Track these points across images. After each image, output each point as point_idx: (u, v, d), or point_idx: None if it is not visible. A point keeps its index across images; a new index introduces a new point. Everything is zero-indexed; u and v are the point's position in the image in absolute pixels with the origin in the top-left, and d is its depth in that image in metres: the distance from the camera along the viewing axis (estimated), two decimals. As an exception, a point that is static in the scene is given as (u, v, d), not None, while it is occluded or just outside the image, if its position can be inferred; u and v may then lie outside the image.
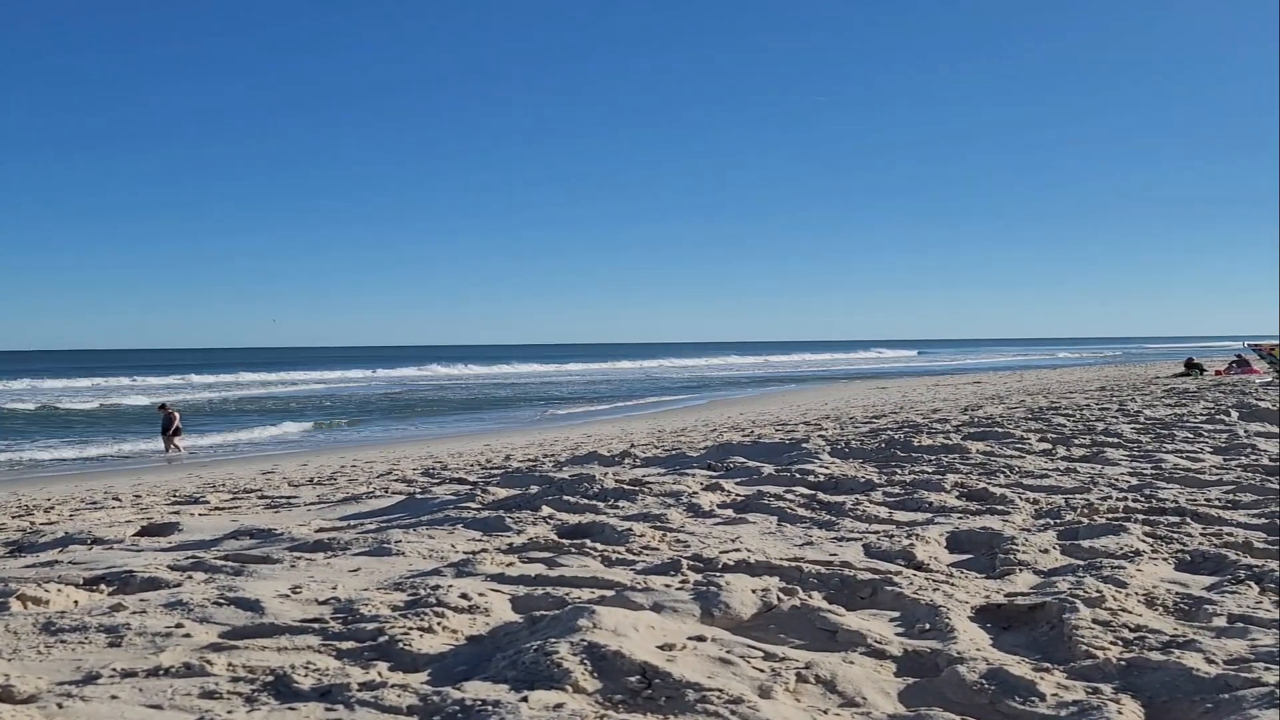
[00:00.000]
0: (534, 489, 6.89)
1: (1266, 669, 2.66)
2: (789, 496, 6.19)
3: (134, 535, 5.94)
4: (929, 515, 5.54)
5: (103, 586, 4.03)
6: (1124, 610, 3.37)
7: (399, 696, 2.54)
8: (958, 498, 6.07)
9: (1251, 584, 3.67)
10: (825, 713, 2.56)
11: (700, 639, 3.01)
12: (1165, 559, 4.25)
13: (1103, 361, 69.24)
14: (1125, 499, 5.73)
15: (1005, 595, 3.62)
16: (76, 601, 3.80)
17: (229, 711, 2.52)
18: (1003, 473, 7.10)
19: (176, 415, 23.01)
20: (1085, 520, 5.12)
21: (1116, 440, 8.96)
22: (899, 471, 7.33)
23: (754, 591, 3.46)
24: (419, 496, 7.29)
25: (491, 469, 11.02)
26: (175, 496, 10.26)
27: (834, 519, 5.48)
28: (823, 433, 11.91)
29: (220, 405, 40.73)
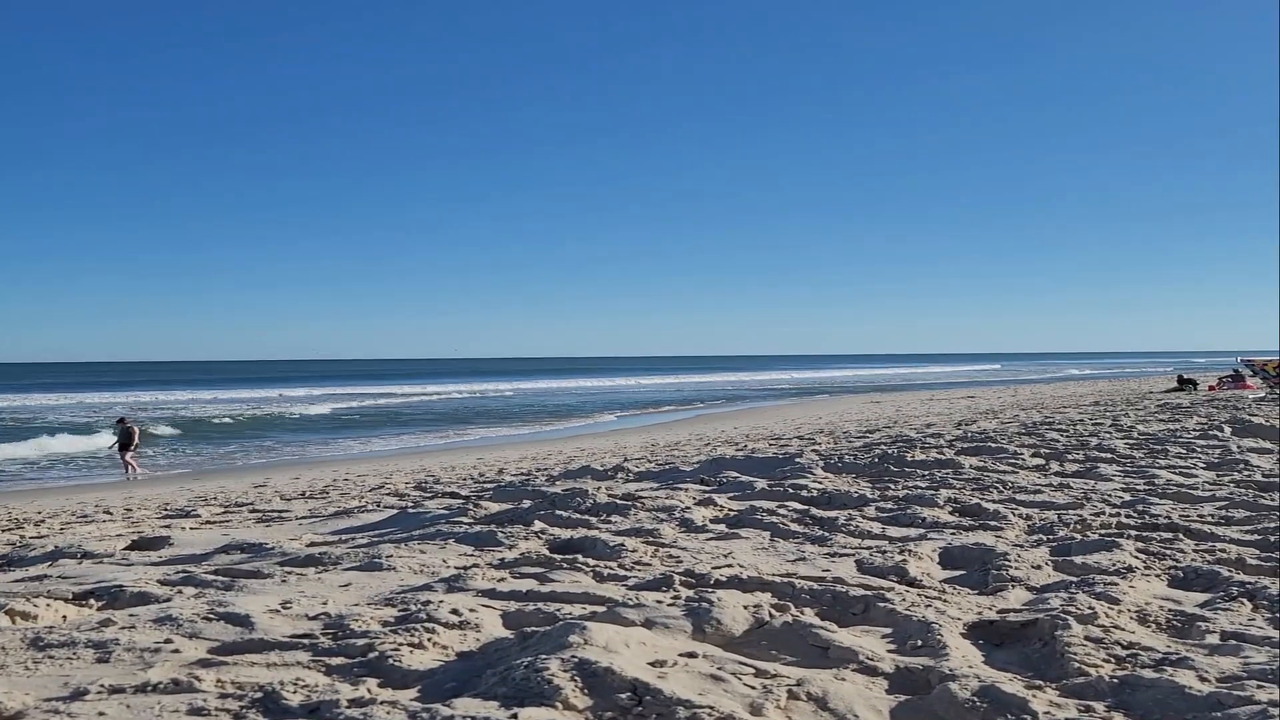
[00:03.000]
0: (526, 503, 6.87)
1: (1259, 687, 2.66)
2: (782, 512, 6.18)
3: (124, 549, 5.91)
4: (922, 531, 5.54)
5: (92, 601, 4.00)
6: (1116, 627, 3.37)
7: (388, 714, 2.52)
8: (951, 513, 6.07)
9: (1244, 601, 3.67)
10: (817, 730, 2.55)
11: (691, 655, 3.00)
12: (1158, 575, 4.24)
13: (1096, 376, 69.35)
14: (1118, 515, 5.73)
15: (998, 612, 3.61)
16: (65, 616, 3.78)
17: (216, 728, 2.50)
18: (996, 488, 7.10)
19: (136, 431, 21.58)
20: (1078, 536, 5.12)
21: (1110, 456, 8.96)
22: (892, 487, 7.33)
23: (746, 607, 3.45)
24: (411, 511, 7.27)
25: (484, 483, 11.00)
26: (166, 510, 10.22)
27: (827, 534, 5.46)
28: (816, 447, 11.91)
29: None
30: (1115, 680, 2.79)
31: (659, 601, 3.62)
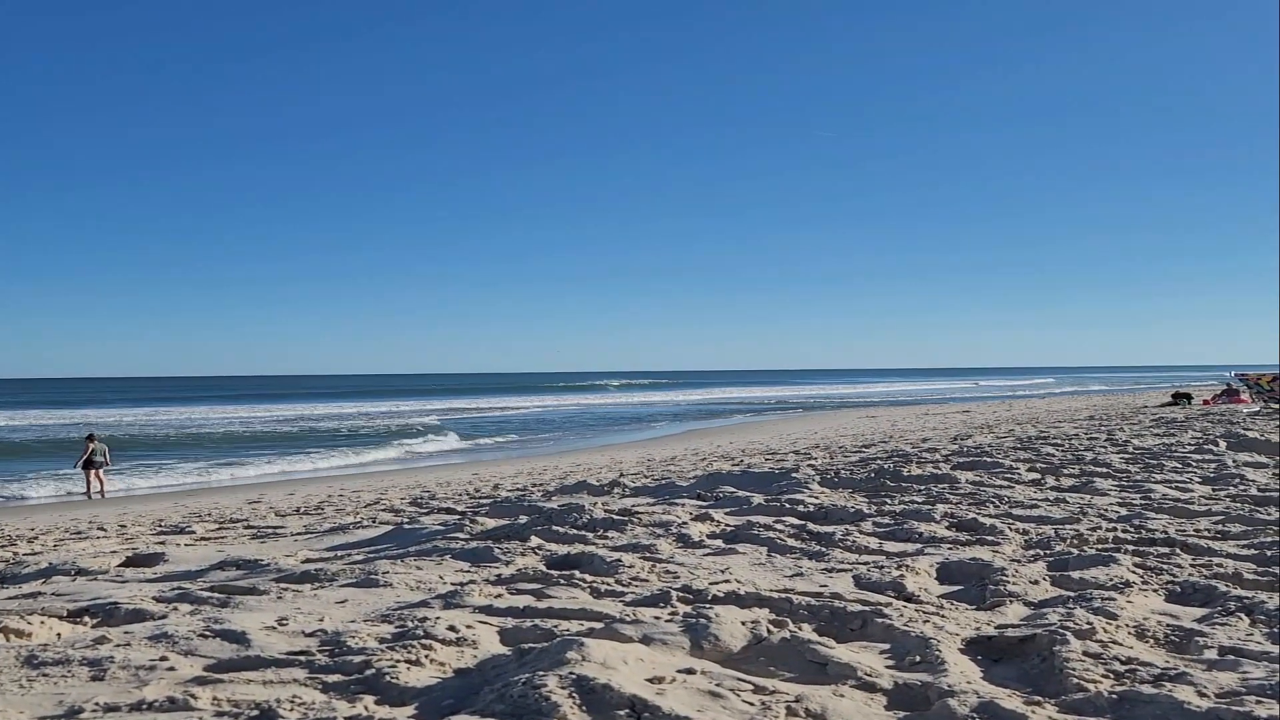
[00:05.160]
0: (523, 519, 6.86)
1: (1258, 702, 2.65)
2: (779, 527, 6.17)
3: (119, 566, 5.88)
4: (919, 546, 5.53)
5: (86, 618, 3.99)
6: (1115, 642, 3.37)
7: (385, 731, 2.51)
8: (947, 528, 6.06)
9: (1242, 616, 3.67)
10: (816, 747, 2.54)
11: (689, 671, 2.99)
12: (1155, 590, 4.24)
13: (1091, 391, 69.46)
14: (1115, 529, 5.73)
15: (996, 627, 3.61)
16: (59, 634, 3.76)
17: (213, 747, 2.49)
18: (992, 503, 7.10)
19: (98, 449, 21.15)
20: (1075, 551, 5.12)
21: (1105, 470, 8.97)
22: (889, 501, 7.32)
23: (744, 623, 3.45)
24: (407, 527, 7.25)
25: (480, 498, 10.98)
26: (161, 526, 10.19)
27: (824, 549, 5.46)
28: (812, 462, 11.91)
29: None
30: (1114, 696, 2.78)
31: (657, 618, 3.62)
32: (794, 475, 9.24)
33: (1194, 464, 9.31)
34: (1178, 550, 5.05)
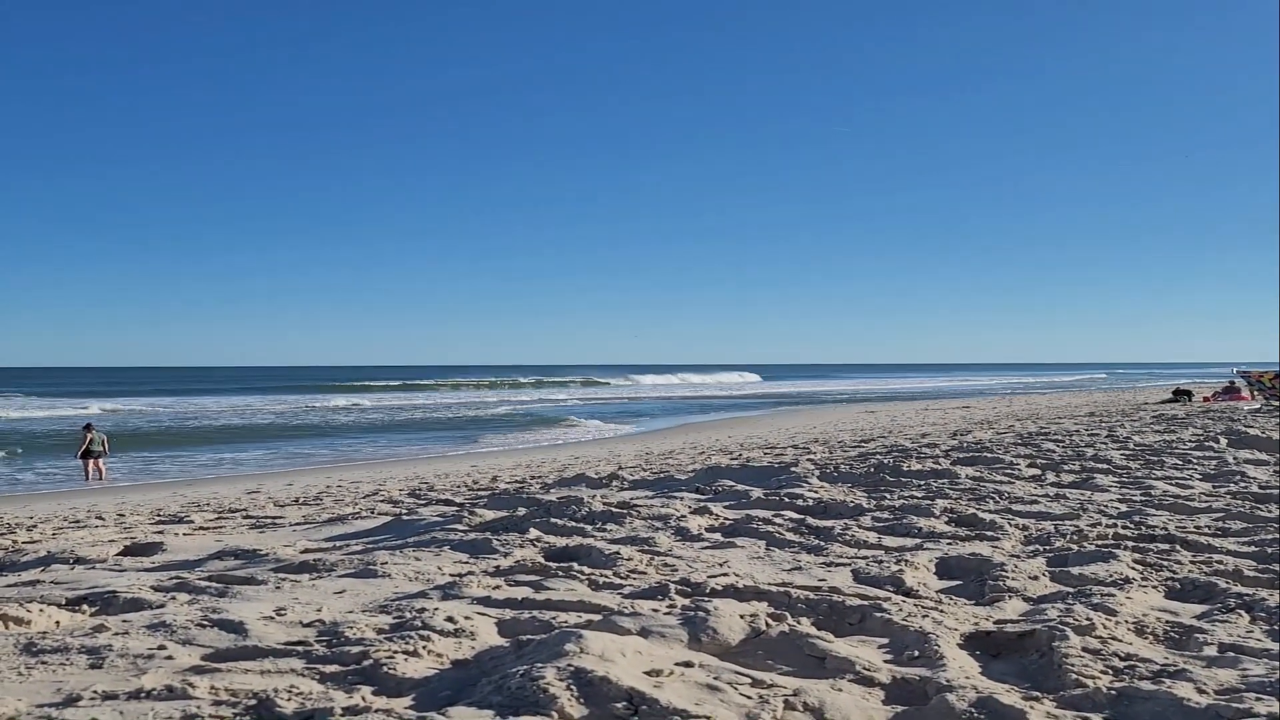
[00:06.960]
0: (521, 511, 6.86)
1: (1258, 699, 2.65)
2: (777, 521, 6.17)
3: (117, 555, 5.89)
4: (918, 541, 5.53)
5: (85, 607, 3.99)
6: (1114, 638, 3.36)
7: (383, 722, 2.50)
8: (947, 523, 6.06)
9: (1242, 613, 3.67)
10: (814, 741, 2.54)
11: (687, 665, 2.99)
12: (1155, 587, 4.24)
13: (1092, 387, 69.46)
14: (1115, 526, 5.72)
15: (995, 622, 3.60)
16: (58, 622, 3.76)
17: (210, 736, 2.48)
18: (992, 498, 7.10)
19: (96, 439, 21.17)
20: (1075, 547, 5.12)
21: (1106, 466, 8.96)
22: (888, 496, 7.32)
23: (742, 617, 3.44)
24: (406, 518, 7.25)
25: (479, 490, 10.98)
26: (159, 516, 10.19)
27: (823, 544, 5.46)
28: (811, 456, 11.91)
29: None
30: (1113, 692, 2.78)
31: (655, 610, 3.61)
32: (793, 470, 9.24)
33: (1194, 461, 9.31)
34: (1178, 547, 5.05)
